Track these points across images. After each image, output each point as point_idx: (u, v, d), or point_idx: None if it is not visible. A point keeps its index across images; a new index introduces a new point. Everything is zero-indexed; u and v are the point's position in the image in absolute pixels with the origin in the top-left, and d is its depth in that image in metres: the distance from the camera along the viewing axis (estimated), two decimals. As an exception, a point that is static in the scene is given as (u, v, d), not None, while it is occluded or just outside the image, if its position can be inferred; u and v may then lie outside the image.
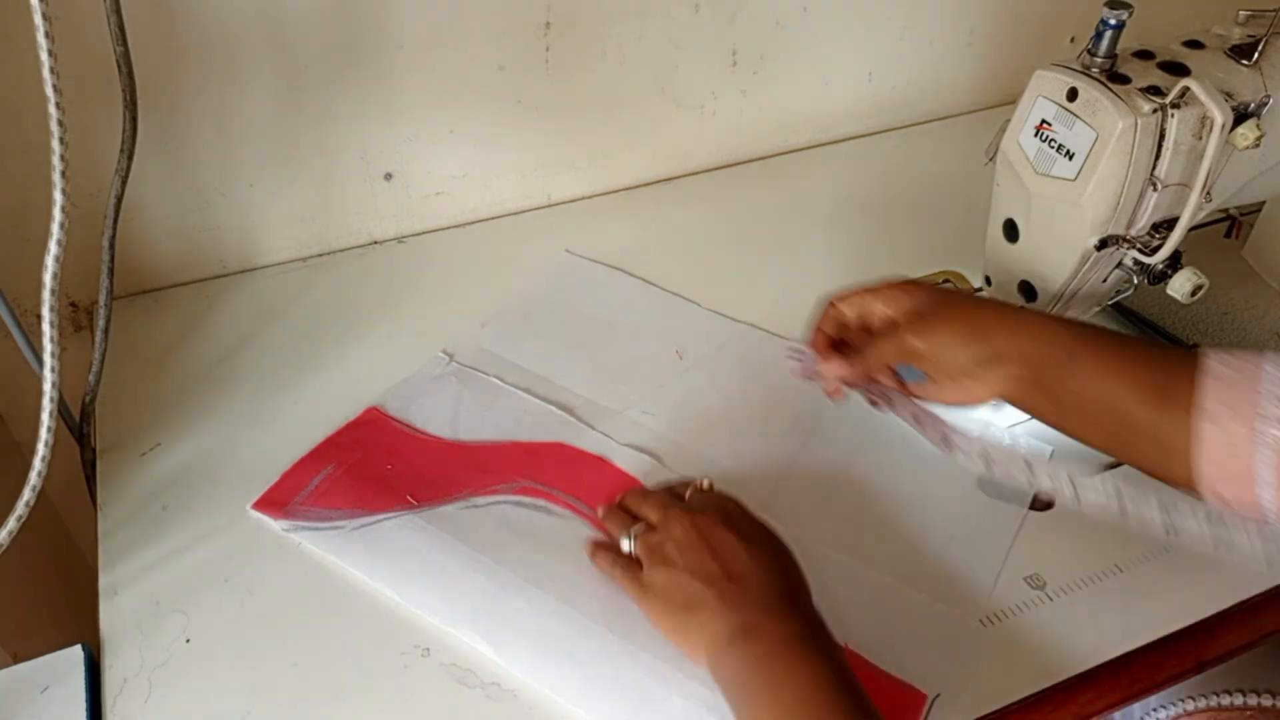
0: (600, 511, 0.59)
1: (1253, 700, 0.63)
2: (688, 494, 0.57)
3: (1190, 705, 0.63)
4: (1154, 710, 0.65)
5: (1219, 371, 0.47)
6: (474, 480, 0.63)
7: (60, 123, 0.48)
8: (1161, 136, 0.56)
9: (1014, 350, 0.54)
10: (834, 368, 0.60)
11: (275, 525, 0.60)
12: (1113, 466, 0.62)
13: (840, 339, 0.62)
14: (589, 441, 0.66)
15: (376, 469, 0.63)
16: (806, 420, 0.68)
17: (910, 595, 0.57)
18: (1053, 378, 0.53)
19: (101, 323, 0.63)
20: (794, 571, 0.52)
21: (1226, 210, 0.82)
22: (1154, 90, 0.56)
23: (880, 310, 0.59)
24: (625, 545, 0.55)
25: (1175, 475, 0.50)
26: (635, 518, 0.57)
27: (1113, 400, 0.51)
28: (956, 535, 0.60)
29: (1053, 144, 0.59)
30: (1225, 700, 0.63)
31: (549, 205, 0.90)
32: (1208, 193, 0.58)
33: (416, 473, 0.63)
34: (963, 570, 0.58)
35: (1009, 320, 0.55)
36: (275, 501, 0.61)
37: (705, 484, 0.58)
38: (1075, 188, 0.58)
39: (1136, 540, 0.60)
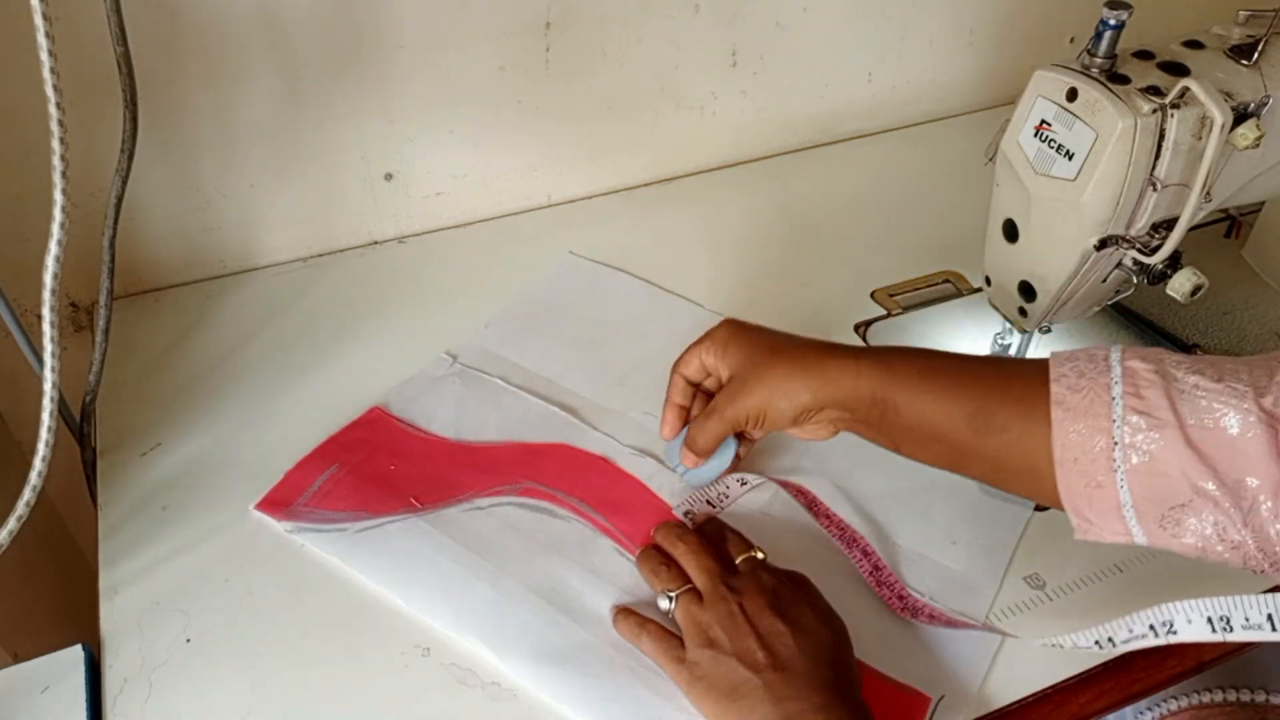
0: (639, 554, 0.58)
1: (1231, 696, 0.64)
2: (739, 560, 0.55)
3: (1174, 704, 0.63)
4: (1141, 712, 0.65)
5: (1066, 399, 0.47)
6: (477, 481, 0.63)
7: (60, 123, 0.48)
8: (1161, 137, 0.56)
9: (827, 399, 0.54)
10: (685, 458, 0.60)
11: (278, 526, 0.60)
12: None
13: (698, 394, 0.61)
14: (592, 443, 0.66)
15: (380, 469, 0.63)
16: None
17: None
18: (872, 417, 0.54)
19: (101, 323, 0.62)
20: (844, 660, 0.51)
21: (1226, 210, 0.82)
22: (1154, 90, 0.56)
23: (711, 364, 0.59)
24: (664, 604, 0.54)
25: (1012, 490, 0.52)
26: (672, 564, 0.55)
27: (935, 430, 0.52)
28: (961, 538, 0.60)
29: (1052, 144, 0.59)
30: (1205, 698, 0.64)
31: (549, 205, 0.90)
32: (1208, 193, 0.58)
33: (420, 473, 0.63)
34: (967, 573, 0.58)
35: (810, 372, 0.55)
36: (278, 502, 0.61)
37: (760, 555, 0.55)
38: (1075, 188, 0.58)
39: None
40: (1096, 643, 0.48)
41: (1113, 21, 0.56)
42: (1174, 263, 0.60)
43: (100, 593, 0.56)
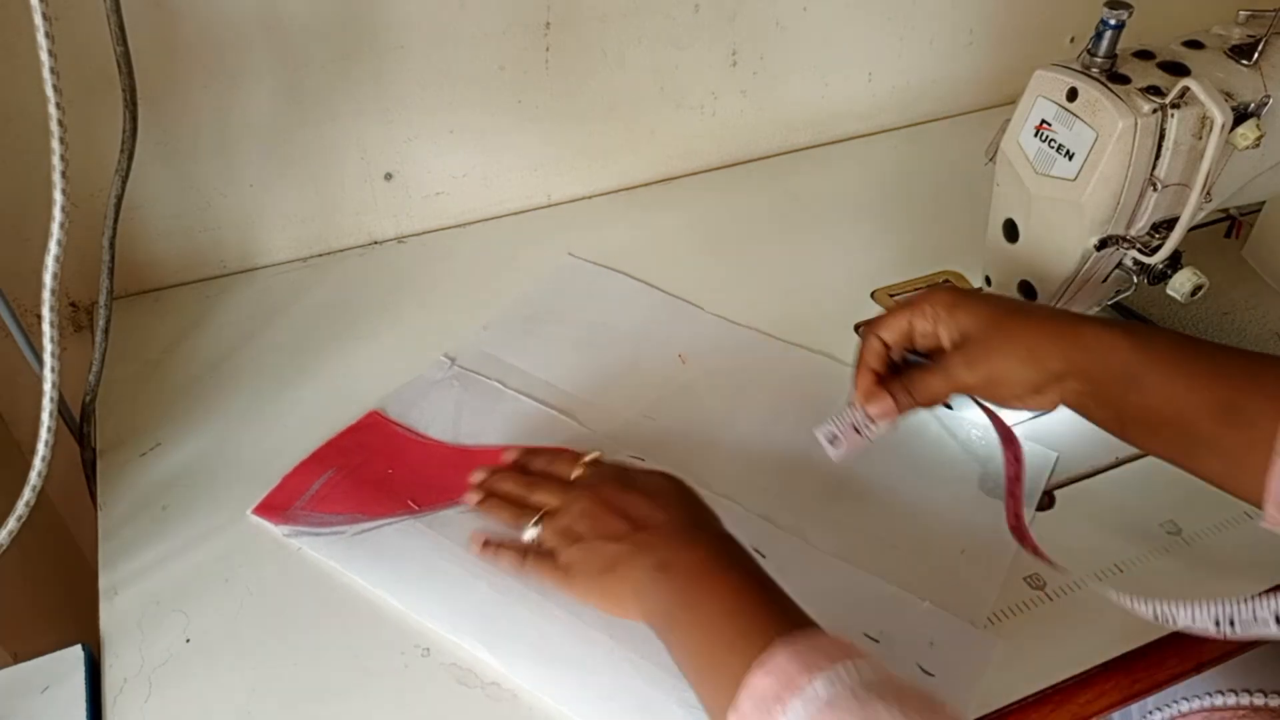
0: (472, 499, 0.58)
1: (1245, 699, 0.63)
2: (576, 473, 0.56)
3: (1185, 706, 0.63)
4: (1150, 712, 0.65)
5: None
6: None
7: (60, 123, 0.48)
8: (1161, 136, 0.56)
9: (1070, 367, 0.52)
10: (882, 410, 0.57)
11: (276, 530, 0.60)
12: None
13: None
14: (591, 445, 0.65)
15: (378, 473, 0.63)
16: (809, 424, 0.67)
17: (913, 602, 0.57)
18: (1115, 392, 0.51)
19: (101, 323, 0.62)
20: (698, 505, 0.53)
21: (1226, 210, 0.82)
22: (1154, 90, 0.56)
23: (924, 329, 0.56)
24: (528, 535, 0.54)
25: (1239, 490, 0.49)
26: (522, 505, 0.56)
27: (1178, 415, 0.49)
28: (960, 539, 0.60)
29: (1053, 144, 0.59)
30: (1219, 700, 0.64)
31: (549, 205, 0.90)
32: (1208, 193, 0.58)
33: (418, 476, 0.63)
34: (967, 574, 0.58)
35: (1064, 337, 0.52)
36: (275, 506, 0.61)
37: (591, 456, 0.57)
38: (1075, 188, 0.58)
39: (1136, 540, 0.60)
40: (1216, 623, 0.46)
41: (1113, 21, 0.56)
42: (1174, 263, 0.60)
43: (100, 593, 0.56)
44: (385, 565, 0.57)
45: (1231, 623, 0.46)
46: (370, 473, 0.63)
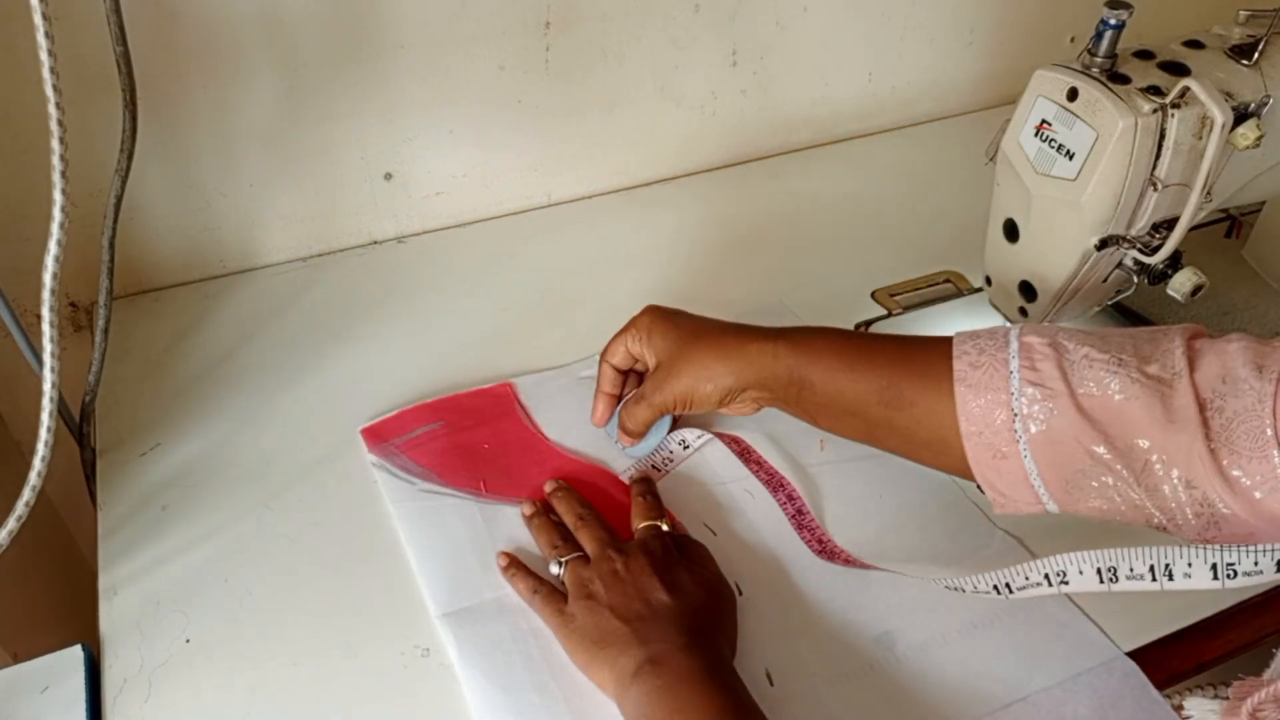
0: (526, 510, 0.60)
1: (1224, 693, 0.64)
2: (640, 527, 0.57)
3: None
4: None
5: (967, 376, 0.50)
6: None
7: (60, 123, 0.48)
8: (1161, 136, 0.56)
9: (743, 381, 0.58)
10: (622, 439, 0.63)
11: (367, 456, 0.63)
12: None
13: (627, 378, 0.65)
14: (669, 497, 0.62)
15: (475, 442, 0.65)
16: (812, 431, 0.67)
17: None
18: (791, 395, 0.57)
19: (101, 323, 0.62)
20: (715, 618, 0.52)
21: (1226, 210, 0.82)
22: (1154, 90, 0.56)
23: (636, 350, 0.62)
24: (554, 570, 0.56)
25: (923, 461, 0.55)
26: (563, 537, 0.57)
27: (850, 405, 0.55)
28: (961, 542, 0.60)
29: (1053, 144, 0.59)
30: (1177, 700, 0.64)
31: (549, 205, 0.90)
32: (1208, 193, 0.58)
33: (506, 461, 0.64)
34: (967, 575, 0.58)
35: (731, 356, 0.58)
36: (378, 434, 0.65)
37: (663, 525, 0.57)
38: (1075, 188, 0.58)
39: (1137, 541, 0.60)
40: (994, 588, 0.50)
41: (1113, 21, 0.56)
42: (1174, 262, 0.60)
43: (100, 593, 0.56)
44: (424, 528, 0.59)
45: (1008, 586, 0.50)
46: (469, 439, 0.65)
